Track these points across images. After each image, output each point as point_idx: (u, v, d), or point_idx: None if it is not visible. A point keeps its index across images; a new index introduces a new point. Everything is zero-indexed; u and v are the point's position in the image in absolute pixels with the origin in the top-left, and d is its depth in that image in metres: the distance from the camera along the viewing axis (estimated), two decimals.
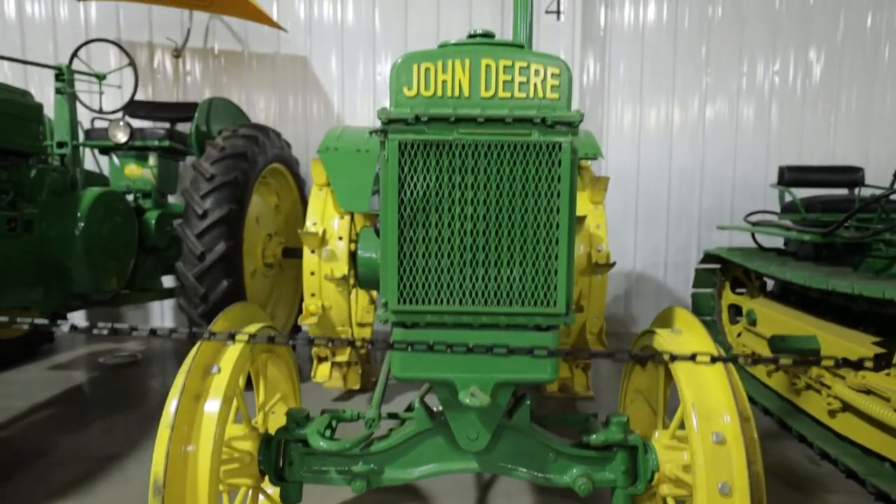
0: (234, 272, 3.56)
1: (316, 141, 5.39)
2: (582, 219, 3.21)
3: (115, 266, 3.64)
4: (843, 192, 4.48)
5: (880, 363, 2.61)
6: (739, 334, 4.10)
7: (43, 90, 5.24)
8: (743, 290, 4.26)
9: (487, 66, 1.56)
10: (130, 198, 4.44)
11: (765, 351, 3.61)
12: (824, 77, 5.33)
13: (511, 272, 1.57)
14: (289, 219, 4.70)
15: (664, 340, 1.75)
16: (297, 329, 4.49)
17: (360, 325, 3.74)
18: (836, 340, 2.89)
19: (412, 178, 1.55)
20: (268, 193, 4.49)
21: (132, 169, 4.38)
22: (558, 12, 4.92)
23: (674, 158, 5.44)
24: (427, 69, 1.56)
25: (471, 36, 1.63)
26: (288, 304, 4.60)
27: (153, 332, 1.52)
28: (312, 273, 3.37)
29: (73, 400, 3.62)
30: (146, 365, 4.45)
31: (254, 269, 4.13)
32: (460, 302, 1.58)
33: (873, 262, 3.41)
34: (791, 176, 4.37)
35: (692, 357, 1.54)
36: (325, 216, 3.43)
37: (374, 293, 3.62)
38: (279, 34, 5.26)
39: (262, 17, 4.64)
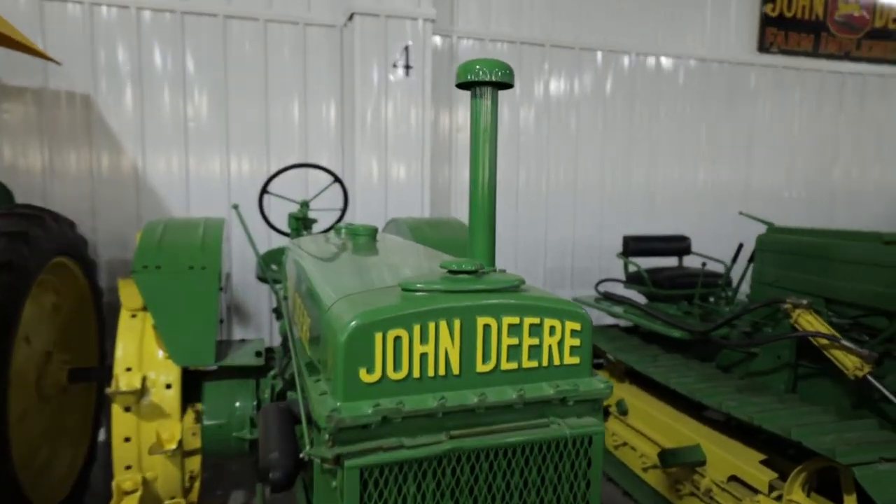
0: None
1: (107, 205, 4.23)
2: None
3: None
4: (674, 260, 4.77)
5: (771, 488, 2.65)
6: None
7: None
8: (600, 361, 4.23)
9: (486, 328, 1.03)
10: None
11: (638, 442, 3.59)
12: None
13: None
14: (71, 319, 3.55)
15: None
16: (87, 471, 3.41)
17: (188, 453, 2.88)
18: (722, 454, 2.89)
19: None
20: (42, 293, 3.30)
21: None
22: (407, 67, 4.47)
23: (519, 216, 5.35)
24: (397, 338, 0.98)
25: (451, 272, 1.09)
26: (74, 441, 3.45)
27: None
28: (128, 439, 2.45)
29: None
30: None
31: (24, 409, 2.97)
32: None
33: (730, 354, 3.57)
34: (635, 246, 4.50)
35: None
36: (143, 355, 2.53)
37: (200, 405, 2.75)
38: (47, 63, 3.98)
39: (24, 47, 3.41)
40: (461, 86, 1.34)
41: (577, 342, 1.09)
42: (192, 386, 2.65)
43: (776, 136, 6.12)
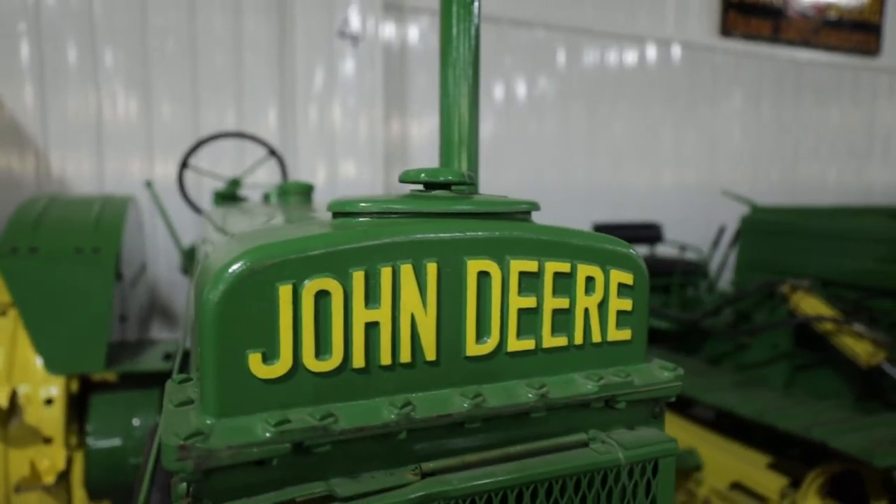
0: None
1: None
2: None
3: None
4: (645, 248, 4.47)
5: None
6: None
7: None
8: None
9: (483, 279, 0.59)
10: None
11: None
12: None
13: None
14: None
15: None
16: None
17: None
18: (722, 458, 2.54)
19: None
20: None
21: None
22: (354, 37, 4.00)
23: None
24: (321, 295, 0.52)
25: (423, 186, 0.64)
26: None
27: None
28: None
29: None
30: None
31: None
32: None
33: (718, 345, 3.25)
34: (608, 234, 4.19)
35: None
36: (14, 364, 1.97)
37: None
38: None
39: None
40: None
41: (627, 304, 0.66)
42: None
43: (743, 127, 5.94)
